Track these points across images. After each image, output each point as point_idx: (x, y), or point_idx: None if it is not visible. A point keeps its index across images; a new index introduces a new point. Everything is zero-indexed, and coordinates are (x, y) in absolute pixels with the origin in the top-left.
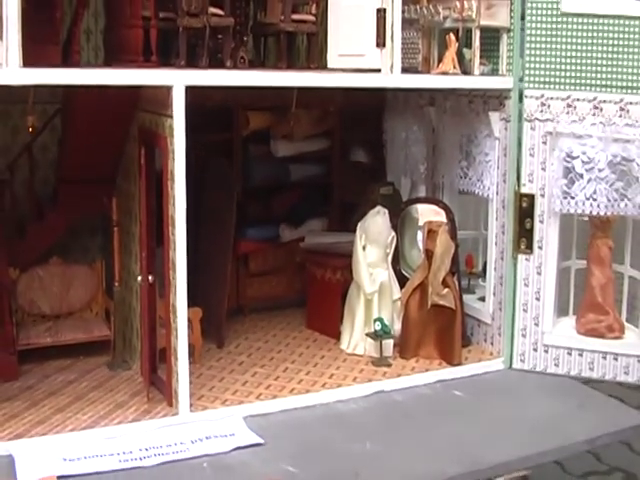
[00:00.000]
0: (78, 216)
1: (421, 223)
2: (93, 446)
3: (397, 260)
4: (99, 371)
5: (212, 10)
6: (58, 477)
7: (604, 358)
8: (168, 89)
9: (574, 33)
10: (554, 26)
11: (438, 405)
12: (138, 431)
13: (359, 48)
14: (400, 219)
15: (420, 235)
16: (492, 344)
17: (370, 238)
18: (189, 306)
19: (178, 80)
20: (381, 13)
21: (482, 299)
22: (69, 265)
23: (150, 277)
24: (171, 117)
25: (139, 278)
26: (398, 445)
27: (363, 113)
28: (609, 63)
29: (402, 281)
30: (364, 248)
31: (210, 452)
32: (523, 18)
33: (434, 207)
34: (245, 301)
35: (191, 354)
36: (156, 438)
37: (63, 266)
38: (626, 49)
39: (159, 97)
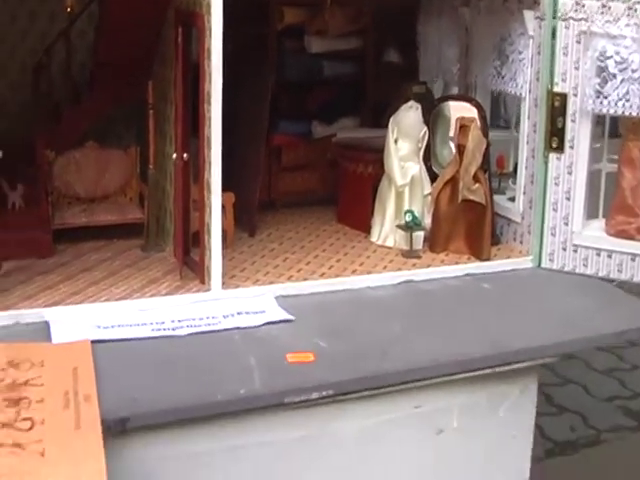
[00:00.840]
0: (114, 100)
1: (453, 121)
2: (126, 316)
3: (428, 157)
4: (132, 252)
5: None
6: (92, 341)
7: (632, 260)
8: None
9: None
10: None
11: (466, 295)
12: (171, 304)
13: None
14: (432, 116)
15: (452, 133)
16: (521, 243)
17: (402, 132)
18: (222, 191)
19: None
20: None
21: (512, 199)
22: (105, 150)
23: (185, 155)
24: None
25: (174, 156)
26: (425, 329)
27: (397, 14)
28: None
29: (433, 179)
30: (396, 142)
31: (241, 325)
32: None
33: (466, 104)
34: (277, 195)
35: (223, 239)
36: (188, 311)
37: (99, 150)
38: None
39: None
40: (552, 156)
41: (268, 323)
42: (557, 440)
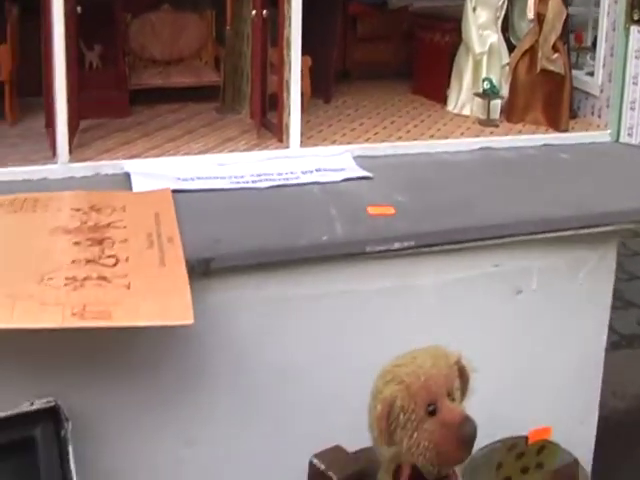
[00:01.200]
0: None
1: None
2: (205, 169)
3: (506, 29)
4: (208, 114)
5: None
6: (172, 191)
7: None
8: None
9: None
10: None
11: (545, 164)
12: (249, 160)
13: None
14: None
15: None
16: (599, 117)
17: None
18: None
19: None
20: None
21: (590, 74)
22: (180, 13)
23: (264, 12)
24: None
25: (253, 12)
26: (506, 190)
27: None
28: None
29: (510, 52)
30: (474, 10)
31: (320, 181)
32: None
33: None
34: (352, 65)
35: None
36: (267, 167)
37: (174, 14)
38: None
39: None
40: (633, 28)
41: (347, 179)
42: (623, 333)
